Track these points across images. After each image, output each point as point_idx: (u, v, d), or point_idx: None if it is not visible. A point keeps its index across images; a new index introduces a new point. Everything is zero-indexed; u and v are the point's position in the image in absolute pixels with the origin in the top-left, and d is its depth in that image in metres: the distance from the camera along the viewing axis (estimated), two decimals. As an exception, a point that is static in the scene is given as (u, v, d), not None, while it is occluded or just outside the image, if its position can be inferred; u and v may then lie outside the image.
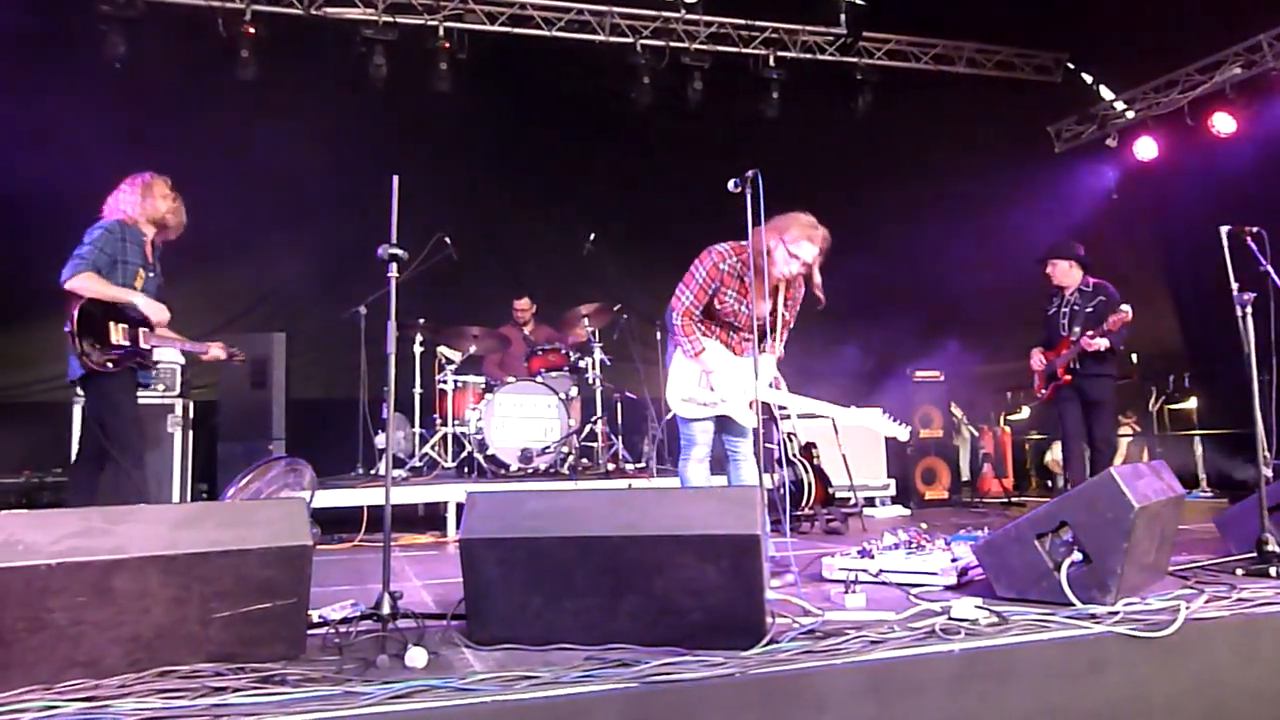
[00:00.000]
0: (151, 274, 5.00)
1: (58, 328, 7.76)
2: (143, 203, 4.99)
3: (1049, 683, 2.69)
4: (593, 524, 2.81)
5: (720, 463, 4.65)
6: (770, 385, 4.42)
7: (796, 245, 4.26)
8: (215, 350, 5.10)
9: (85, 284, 4.62)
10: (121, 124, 7.39)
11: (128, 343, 4.72)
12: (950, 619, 2.92)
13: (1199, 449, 8.76)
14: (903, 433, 4.53)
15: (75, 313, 4.58)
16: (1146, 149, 9.54)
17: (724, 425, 4.49)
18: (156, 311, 4.82)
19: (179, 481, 6.30)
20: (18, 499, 6.86)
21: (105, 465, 4.71)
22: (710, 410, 4.40)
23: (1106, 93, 10.09)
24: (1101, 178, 10.20)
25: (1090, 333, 6.15)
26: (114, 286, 4.70)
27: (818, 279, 4.37)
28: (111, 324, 4.68)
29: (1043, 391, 6.61)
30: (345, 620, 2.99)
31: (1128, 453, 9.18)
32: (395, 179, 3.08)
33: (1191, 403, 9.16)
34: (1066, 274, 6.54)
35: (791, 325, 4.58)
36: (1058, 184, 10.13)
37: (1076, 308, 6.43)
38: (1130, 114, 9.88)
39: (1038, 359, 6.60)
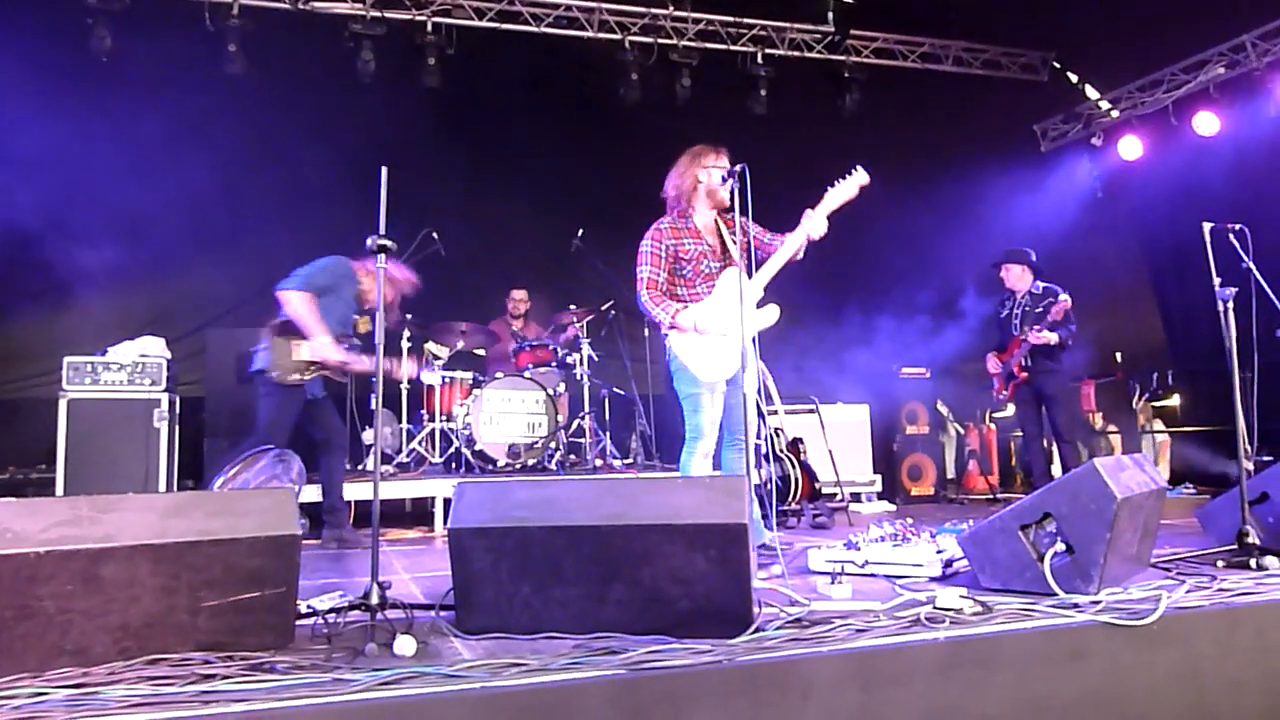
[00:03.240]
0: (356, 317, 5.42)
1: (42, 324, 7.75)
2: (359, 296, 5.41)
3: (1032, 670, 2.72)
4: (581, 513, 2.83)
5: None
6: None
7: (721, 158, 4.53)
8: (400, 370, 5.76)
9: (295, 301, 5.01)
10: (107, 118, 7.36)
11: (317, 360, 5.14)
12: (935, 608, 2.95)
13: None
14: (860, 176, 4.77)
15: (279, 323, 5.04)
16: (1131, 148, 9.60)
17: (729, 413, 4.48)
18: (332, 355, 5.14)
19: (165, 477, 6.26)
20: (2, 496, 6.83)
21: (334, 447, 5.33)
22: (733, 354, 4.26)
23: (1092, 92, 10.15)
24: (1086, 176, 10.26)
25: (1037, 327, 6.49)
26: (314, 318, 5.03)
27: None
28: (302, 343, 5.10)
29: (1003, 393, 6.90)
30: (334, 610, 2.99)
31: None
32: (384, 169, 3.09)
33: (1174, 400, 9.23)
34: (1019, 278, 6.88)
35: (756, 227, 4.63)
36: (1043, 182, 10.19)
37: (1026, 309, 6.76)
38: (1115, 113, 9.94)
39: (993, 362, 6.93)
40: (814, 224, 4.50)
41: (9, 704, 2.18)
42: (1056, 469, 7.29)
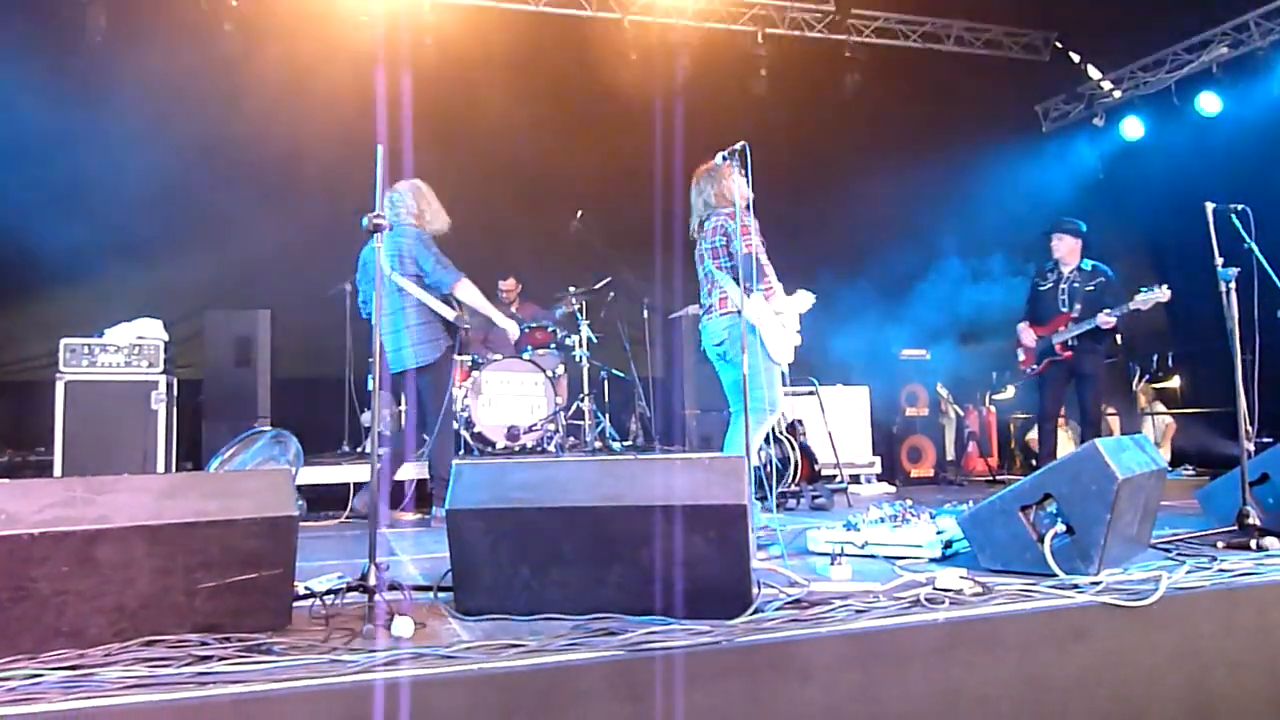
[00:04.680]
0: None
1: (39, 307, 7.73)
2: (438, 217, 5.41)
3: (1032, 651, 2.71)
4: (580, 494, 2.82)
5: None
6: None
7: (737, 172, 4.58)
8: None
9: (469, 292, 5.28)
10: (102, 98, 7.32)
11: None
12: (935, 589, 2.94)
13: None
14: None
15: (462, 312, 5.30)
16: (1133, 128, 9.56)
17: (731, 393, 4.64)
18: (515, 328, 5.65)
19: (163, 460, 6.25)
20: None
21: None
22: (789, 349, 4.68)
23: (1094, 72, 10.09)
24: (1088, 157, 10.21)
25: (1107, 310, 6.16)
26: (486, 301, 5.39)
27: None
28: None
29: (1034, 366, 6.57)
30: (332, 591, 2.98)
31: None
32: (380, 147, 3.06)
33: (1174, 381, 9.21)
34: (1070, 250, 6.53)
35: None
36: (1044, 163, 10.15)
37: (1076, 285, 6.43)
38: (1117, 93, 9.89)
39: (1028, 334, 6.57)
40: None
41: (4, 685, 2.17)
42: (1063, 451, 7.27)
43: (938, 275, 9.26)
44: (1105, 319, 6.17)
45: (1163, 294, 6.01)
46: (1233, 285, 4.15)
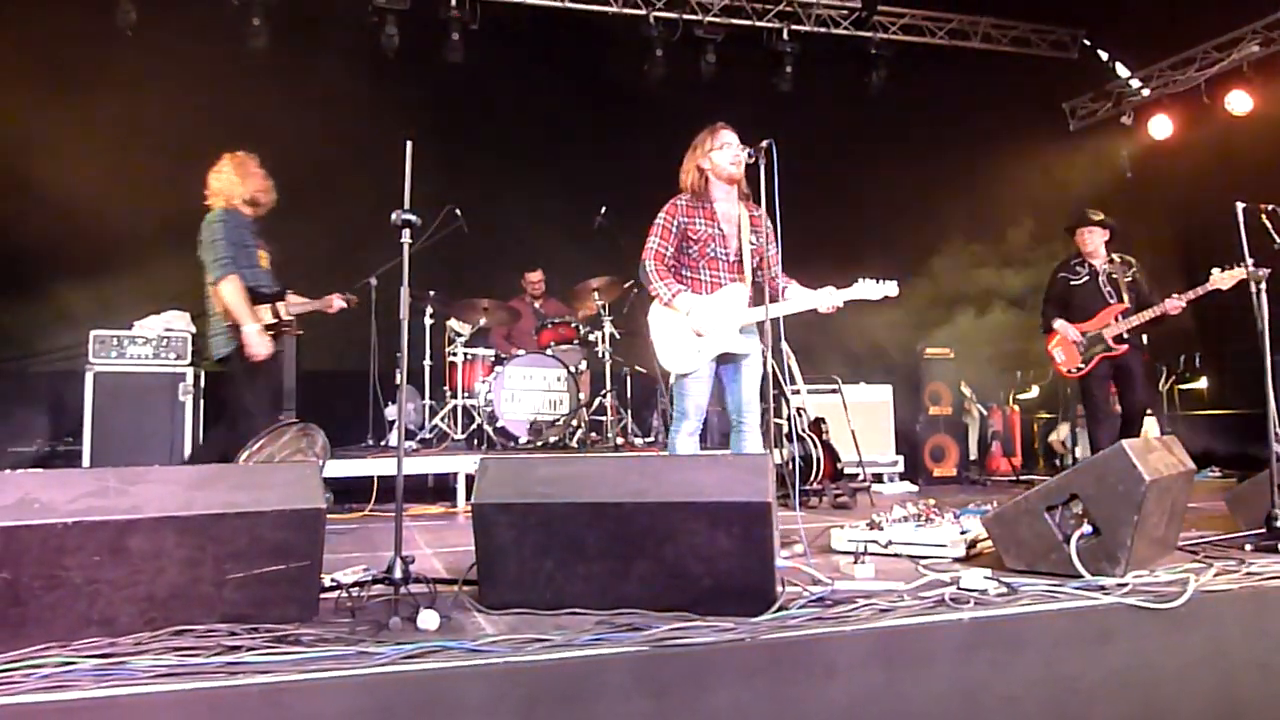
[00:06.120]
0: (266, 250, 5.30)
1: (68, 299, 7.80)
2: (244, 184, 5.24)
3: (1058, 652, 2.70)
4: (604, 490, 2.82)
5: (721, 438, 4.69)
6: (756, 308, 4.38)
7: (717, 137, 4.41)
8: (337, 301, 5.62)
9: (229, 292, 4.90)
10: (131, 91, 7.38)
11: (275, 319, 5.14)
12: (960, 589, 2.93)
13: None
14: (891, 288, 4.43)
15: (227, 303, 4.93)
16: (1161, 127, 9.46)
17: (732, 396, 4.47)
18: (260, 344, 4.94)
19: (190, 450, 6.32)
20: (31, 468, 6.89)
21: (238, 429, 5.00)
22: (704, 354, 4.31)
23: (1122, 70, 9.99)
24: (1115, 156, 10.11)
25: (1175, 295, 5.86)
26: (245, 306, 4.92)
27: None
28: (258, 307, 5.04)
29: (1080, 365, 6.22)
30: (358, 584, 3.01)
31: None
32: (409, 143, 3.07)
33: (1202, 383, 9.12)
34: (1102, 242, 6.27)
35: (777, 257, 4.49)
36: (1071, 161, 10.06)
37: (1115, 277, 6.20)
38: (1146, 92, 9.79)
39: (1074, 330, 6.22)
40: (827, 300, 4.37)
41: (37, 672, 2.20)
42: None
43: (962, 273, 9.21)
44: (1174, 304, 5.83)
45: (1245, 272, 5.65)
46: (1263, 285, 4.11)
